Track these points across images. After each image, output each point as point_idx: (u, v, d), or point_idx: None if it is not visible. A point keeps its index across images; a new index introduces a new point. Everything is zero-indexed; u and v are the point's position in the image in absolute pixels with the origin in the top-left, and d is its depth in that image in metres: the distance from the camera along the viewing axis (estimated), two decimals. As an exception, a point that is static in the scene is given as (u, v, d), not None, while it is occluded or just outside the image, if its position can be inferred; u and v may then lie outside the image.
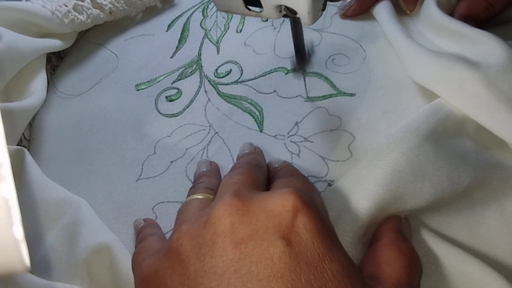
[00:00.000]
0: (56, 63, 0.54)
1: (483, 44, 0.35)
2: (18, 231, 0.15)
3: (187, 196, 0.32)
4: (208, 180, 0.34)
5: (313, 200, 0.26)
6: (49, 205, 0.36)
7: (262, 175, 0.31)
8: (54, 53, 0.54)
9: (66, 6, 0.49)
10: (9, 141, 0.41)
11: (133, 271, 0.29)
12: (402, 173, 0.30)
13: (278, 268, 0.21)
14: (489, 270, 0.26)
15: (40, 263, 0.34)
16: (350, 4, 0.47)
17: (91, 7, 0.52)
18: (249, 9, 0.34)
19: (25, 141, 0.45)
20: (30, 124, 0.47)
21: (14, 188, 0.15)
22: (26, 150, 0.39)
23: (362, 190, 0.30)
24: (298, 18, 0.34)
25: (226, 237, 0.23)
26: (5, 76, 0.44)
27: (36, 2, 0.49)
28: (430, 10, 0.41)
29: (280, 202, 0.24)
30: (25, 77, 0.48)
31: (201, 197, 0.31)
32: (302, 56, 0.39)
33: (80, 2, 0.51)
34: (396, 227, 0.29)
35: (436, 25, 0.40)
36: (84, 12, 0.51)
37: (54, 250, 0.35)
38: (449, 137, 0.33)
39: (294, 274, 0.21)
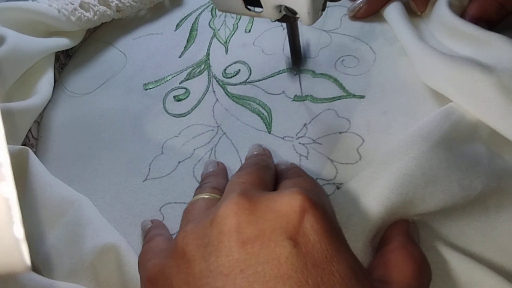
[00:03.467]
0: (64, 62, 0.54)
1: (496, 48, 0.35)
2: (19, 231, 0.15)
3: (194, 196, 0.32)
4: (215, 180, 0.34)
5: (321, 200, 0.25)
6: (51, 203, 0.36)
7: (270, 176, 0.31)
8: (62, 51, 0.54)
9: (72, 4, 0.50)
10: (12, 140, 0.41)
11: (139, 271, 0.29)
12: (413, 178, 0.29)
13: (285, 269, 0.21)
14: (500, 279, 0.26)
15: (43, 263, 0.34)
16: (360, 5, 0.46)
17: (98, 4, 0.52)
18: (249, 9, 0.34)
19: (33, 139, 0.45)
20: (38, 123, 0.47)
21: (14, 188, 0.15)
22: (29, 149, 0.39)
23: (372, 193, 0.30)
24: (295, 23, 0.34)
25: (232, 237, 0.23)
26: (9, 78, 0.44)
27: (42, 1, 0.49)
28: (442, 12, 0.40)
29: (288, 202, 0.23)
30: (32, 76, 0.48)
31: (207, 196, 0.30)
32: (297, 57, 0.38)
33: (86, 0, 0.51)
34: (405, 230, 0.28)
35: (448, 27, 0.39)
36: (90, 10, 0.51)
37: (56, 249, 0.34)
38: (462, 142, 0.33)
39: (301, 276, 0.21)
